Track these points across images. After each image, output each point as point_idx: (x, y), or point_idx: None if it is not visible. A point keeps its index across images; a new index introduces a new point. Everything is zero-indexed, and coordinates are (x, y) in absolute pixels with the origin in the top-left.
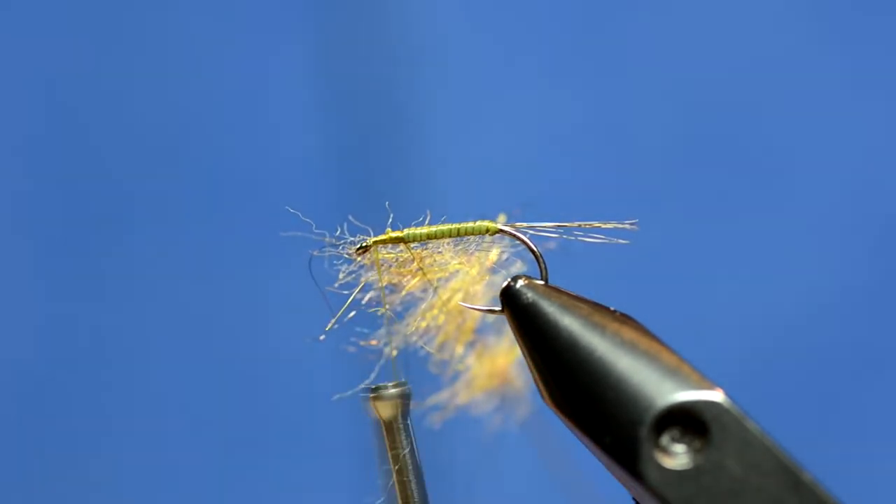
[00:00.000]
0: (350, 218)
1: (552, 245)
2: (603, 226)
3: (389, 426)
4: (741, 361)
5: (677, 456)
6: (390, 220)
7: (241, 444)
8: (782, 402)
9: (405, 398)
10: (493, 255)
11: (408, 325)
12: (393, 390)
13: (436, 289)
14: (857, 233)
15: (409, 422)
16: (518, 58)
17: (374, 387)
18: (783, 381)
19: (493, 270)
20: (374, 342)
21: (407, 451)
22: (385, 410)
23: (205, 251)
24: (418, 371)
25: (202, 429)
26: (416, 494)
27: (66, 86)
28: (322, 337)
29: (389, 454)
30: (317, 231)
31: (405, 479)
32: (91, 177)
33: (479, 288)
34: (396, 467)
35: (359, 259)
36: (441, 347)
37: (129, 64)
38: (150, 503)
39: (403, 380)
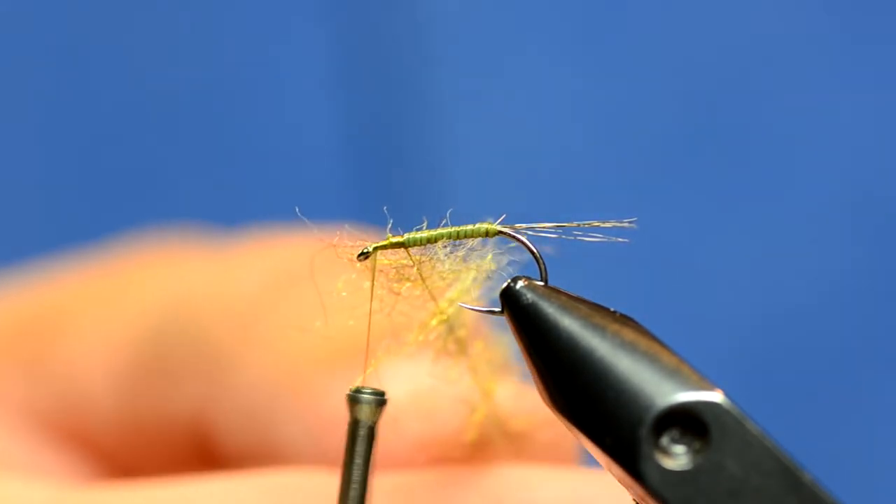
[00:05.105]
0: (352, 222)
1: (551, 247)
2: (602, 225)
3: (355, 428)
4: (740, 351)
5: (677, 456)
6: (389, 224)
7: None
8: (782, 391)
9: (380, 406)
10: (492, 256)
11: (407, 328)
12: (369, 396)
13: (435, 294)
14: (857, 223)
15: (374, 430)
16: (523, 47)
17: (354, 388)
18: (782, 370)
19: (493, 272)
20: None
21: (362, 457)
22: (357, 413)
23: None
24: None
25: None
26: (357, 494)
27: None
28: None
29: (345, 453)
30: (319, 231)
31: (352, 479)
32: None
33: (478, 289)
34: (350, 467)
35: (359, 265)
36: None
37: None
38: None
39: (382, 390)
